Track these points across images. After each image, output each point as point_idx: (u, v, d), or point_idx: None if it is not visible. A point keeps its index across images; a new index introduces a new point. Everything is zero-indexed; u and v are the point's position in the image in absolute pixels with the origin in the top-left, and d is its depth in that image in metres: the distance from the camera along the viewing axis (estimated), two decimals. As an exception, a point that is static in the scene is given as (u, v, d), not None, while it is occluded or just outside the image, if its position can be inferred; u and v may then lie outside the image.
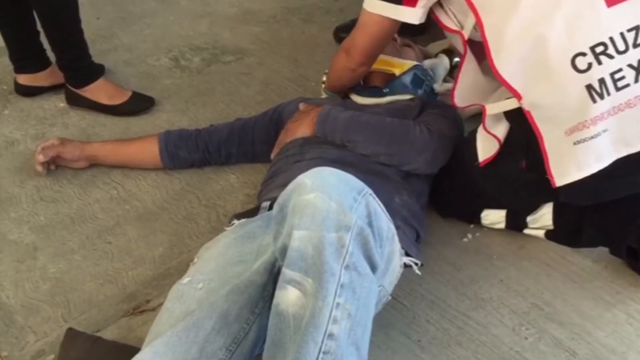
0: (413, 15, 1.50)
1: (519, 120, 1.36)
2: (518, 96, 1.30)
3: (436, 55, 2.05)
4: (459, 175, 1.61)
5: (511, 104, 1.34)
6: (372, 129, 1.57)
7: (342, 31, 2.53)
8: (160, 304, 1.25)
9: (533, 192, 1.51)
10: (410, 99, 1.76)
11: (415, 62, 1.86)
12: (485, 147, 1.51)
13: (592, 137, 1.26)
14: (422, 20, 1.52)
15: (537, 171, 1.39)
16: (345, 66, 1.73)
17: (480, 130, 1.55)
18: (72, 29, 2.00)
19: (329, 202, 1.02)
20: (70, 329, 1.35)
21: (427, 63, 1.96)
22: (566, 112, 1.26)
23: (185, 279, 1.24)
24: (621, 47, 1.24)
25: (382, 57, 1.83)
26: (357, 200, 1.06)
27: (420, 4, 1.47)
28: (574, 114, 1.26)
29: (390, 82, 1.79)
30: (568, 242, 1.61)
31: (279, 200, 1.09)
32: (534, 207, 1.59)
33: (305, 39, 2.59)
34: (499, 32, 1.27)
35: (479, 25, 1.30)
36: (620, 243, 1.51)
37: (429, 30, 2.54)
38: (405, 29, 2.38)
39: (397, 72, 1.81)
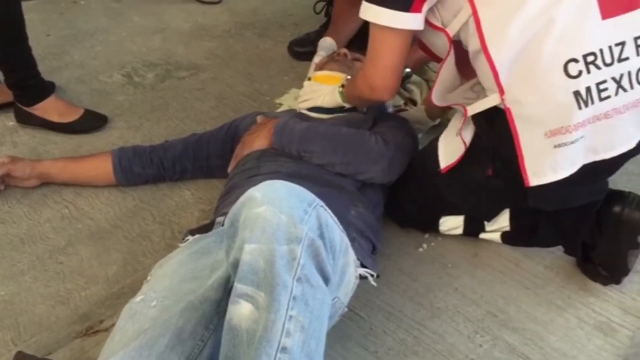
0: (418, 22, 1.42)
1: (488, 122, 1.39)
2: (501, 91, 1.31)
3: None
4: (417, 185, 1.63)
5: (492, 102, 1.35)
6: (328, 139, 1.58)
7: (297, 45, 2.56)
8: (114, 324, 1.22)
9: (498, 199, 1.54)
10: (363, 112, 1.78)
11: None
12: (448, 154, 1.53)
13: (571, 142, 1.30)
14: (422, 27, 1.44)
15: (504, 177, 1.41)
16: (375, 100, 1.62)
17: (443, 137, 1.57)
18: (19, 46, 1.96)
19: (280, 215, 1.02)
20: (19, 352, 1.31)
21: None
22: (550, 114, 1.29)
23: (138, 298, 1.22)
24: (608, 59, 1.28)
25: (333, 73, 1.85)
26: (308, 212, 1.06)
27: (424, 8, 1.40)
28: (558, 118, 1.29)
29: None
30: (524, 242, 1.64)
31: (230, 214, 1.08)
32: (495, 213, 1.62)
33: (260, 53, 2.60)
34: (499, 27, 1.28)
35: (474, 18, 1.31)
36: (575, 239, 1.55)
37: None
38: (355, 43, 2.43)
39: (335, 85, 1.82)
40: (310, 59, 2.21)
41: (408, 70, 2.06)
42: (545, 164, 1.32)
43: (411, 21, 1.41)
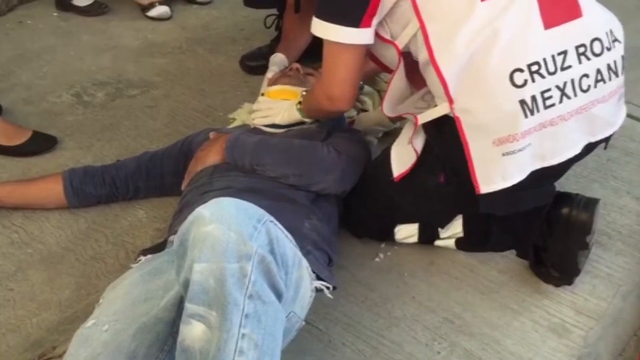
0: (368, 36, 1.44)
1: (439, 130, 1.41)
2: (450, 101, 1.33)
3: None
4: (371, 194, 1.64)
5: (441, 111, 1.37)
6: (280, 151, 1.58)
7: (249, 60, 2.55)
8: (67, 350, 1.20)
9: (450, 205, 1.56)
10: (317, 125, 1.79)
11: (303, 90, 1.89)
12: (400, 162, 1.54)
13: (519, 150, 1.33)
14: (372, 41, 1.46)
15: (455, 184, 1.43)
16: (334, 111, 1.64)
17: (395, 146, 1.59)
18: None
19: (229, 233, 1.01)
20: (-33, 385, 1.28)
21: None
22: (497, 123, 1.31)
23: (89, 322, 1.20)
24: (552, 68, 1.31)
25: (286, 87, 1.86)
26: (257, 229, 1.05)
27: (374, 22, 1.43)
28: (505, 126, 1.31)
29: None
30: (478, 247, 1.67)
31: (179, 233, 1.07)
32: (448, 220, 1.64)
33: (212, 68, 2.58)
34: (447, 40, 1.31)
35: (422, 32, 1.33)
36: (526, 241, 1.58)
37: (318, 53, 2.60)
38: (306, 57, 2.44)
39: (292, 99, 1.83)
40: (263, 73, 2.21)
41: (360, 82, 2.07)
42: (495, 172, 1.35)
43: (361, 36, 1.43)
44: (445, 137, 1.40)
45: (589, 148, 1.44)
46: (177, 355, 1.02)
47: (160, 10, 2.92)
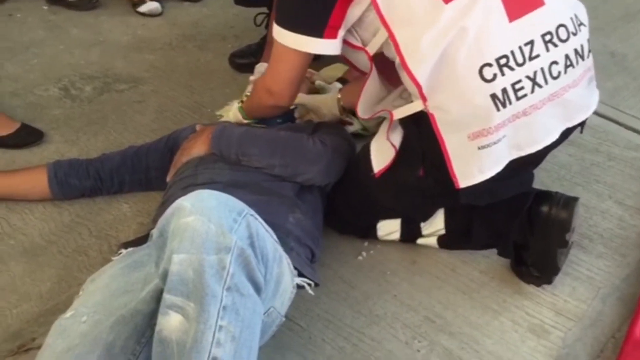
0: (334, 47, 1.47)
1: (417, 125, 1.42)
2: (424, 99, 1.34)
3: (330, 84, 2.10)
4: (353, 190, 1.65)
5: (416, 107, 1.39)
6: (266, 142, 1.59)
7: (238, 57, 2.55)
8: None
9: (430, 198, 1.56)
10: (305, 120, 1.80)
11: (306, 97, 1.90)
12: (380, 158, 1.55)
13: (494, 143, 1.34)
14: (340, 52, 1.49)
15: (435, 177, 1.44)
16: (270, 105, 1.66)
17: (374, 142, 1.60)
18: None
19: (208, 224, 1.02)
20: (-56, 374, 1.27)
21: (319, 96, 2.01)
22: (470, 118, 1.33)
23: (68, 313, 1.20)
24: (520, 59, 1.32)
25: None
26: (238, 222, 1.05)
27: (340, 33, 1.46)
28: (478, 121, 1.32)
29: (283, 112, 1.82)
30: (460, 244, 1.68)
31: (159, 224, 1.07)
32: (429, 214, 1.64)
33: (201, 65, 2.58)
34: (414, 43, 1.32)
35: (391, 40, 1.35)
36: (507, 238, 1.59)
37: (321, 56, 2.60)
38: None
39: None
40: (251, 71, 2.21)
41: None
42: (472, 166, 1.36)
43: (326, 47, 1.46)
44: (422, 133, 1.41)
45: (566, 133, 1.45)
46: (155, 345, 1.02)
47: (151, 6, 2.92)
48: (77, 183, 1.81)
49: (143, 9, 2.92)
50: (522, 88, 1.33)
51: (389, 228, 1.68)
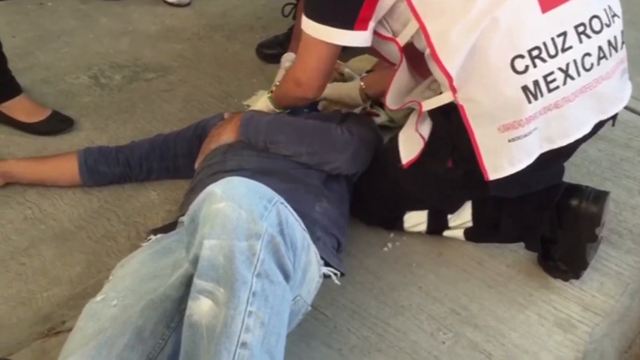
0: (364, 39, 1.46)
1: (446, 117, 1.41)
2: (454, 91, 1.33)
3: (361, 77, 2.09)
4: (381, 181, 1.65)
5: (446, 99, 1.38)
6: (294, 129, 1.60)
7: (265, 47, 2.56)
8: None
9: (459, 190, 1.56)
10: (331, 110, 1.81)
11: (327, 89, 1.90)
12: (408, 149, 1.55)
13: (525, 135, 1.33)
14: (370, 43, 1.48)
15: (464, 168, 1.43)
16: (298, 96, 1.65)
17: (402, 133, 1.59)
18: None
19: (239, 211, 1.02)
20: (-22, 353, 1.30)
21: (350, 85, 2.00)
22: (501, 110, 1.31)
23: (98, 297, 1.22)
24: (552, 51, 1.31)
25: None
26: (268, 209, 1.06)
27: (371, 25, 1.44)
28: (509, 113, 1.31)
29: (310, 103, 1.83)
30: (487, 237, 1.67)
31: (190, 211, 1.08)
32: (457, 206, 1.64)
33: (228, 55, 2.59)
34: (445, 34, 1.31)
35: (422, 31, 1.34)
36: (535, 232, 1.57)
37: (350, 48, 2.60)
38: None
39: None
40: (279, 61, 2.22)
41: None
42: (502, 158, 1.35)
43: (356, 39, 1.45)
44: (451, 124, 1.40)
45: (597, 126, 1.44)
46: (184, 329, 1.03)
47: (180, -4, 2.94)
48: (107, 170, 1.83)
49: (172, -1, 2.94)
50: (554, 80, 1.31)
51: (416, 219, 1.68)
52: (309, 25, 1.48)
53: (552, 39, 1.31)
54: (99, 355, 1.07)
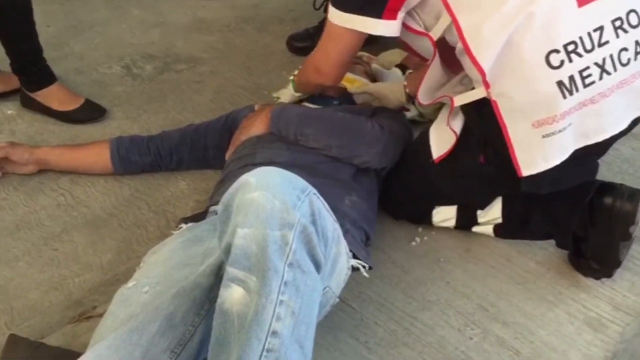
0: (393, 29, 1.46)
1: (478, 111, 1.40)
2: (487, 86, 1.33)
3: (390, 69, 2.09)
4: (410, 176, 1.65)
5: (478, 94, 1.37)
6: (324, 122, 1.60)
7: (296, 40, 2.56)
8: (107, 310, 1.23)
9: (490, 186, 1.55)
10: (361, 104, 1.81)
11: (365, 81, 1.90)
12: (440, 144, 1.54)
13: (559, 131, 1.32)
14: (399, 33, 1.48)
15: (496, 164, 1.42)
16: (318, 82, 1.70)
17: (433, 128, 1.59)
18: (26, 32, 1.99)
19: (273, 200, 1.03)
20: (12, 335, 1.32)
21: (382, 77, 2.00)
22: (535, 105, 1.30)
23: (130, 283, 1.23)
24: (588, 46, 1.29)
25: None
26: (301, 199, 1.06)
27: (400, 15, 1.44)
28: (543, 108, 1.30)
29: (341, 94, 1.83)
30: (516, 234, 1.65)
31: (223, 199, 1.09)
32: (488, 201, 1.62)
33: (259, 47, 2.60)
34: (478, 29, 1.30)
35: (455, 25, 1.33)
36: (567, 229, 1.55)
37: (379, 40, 2.59)
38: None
39: (347, 86, 1.85)
40: (309, 54, 2.21)
41: (411, 71, 2.06)
42: (536, 154, 1.34)
43: (384, 28, 1.44)
44: (484, 119, 1.39)
45: (634, 122, 1.42)
46: (215, 317, 1.04)
47: (211, -12, 2.96)
48: (138, 159, 1.86)
49: (203, -10, 2.96)
50: (589, 75, 1.30)
51: (445, 214, 1.67)
52: (335, 14, 1.48)
53: (589, 34, 1.30)
54: (130, 340, 1.09)
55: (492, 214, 1.63)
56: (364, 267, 1.40)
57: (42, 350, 1.29)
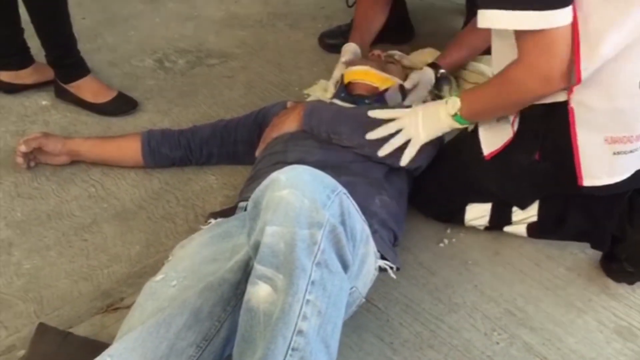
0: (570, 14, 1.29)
1: (549, 113, 1.38)
2: (570, 91, 1.31)
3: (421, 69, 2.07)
4: (448, 171, 1.63)
5: (557, 97, 1.34)
6: (357, 122, 1.59)
7: (328, 37, 2.56)
8: (135, 302, 1.24)
9: (540, 184, 1.52)
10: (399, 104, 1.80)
11: (398, 81, 1.88)
12: (492, 140, 1.52)
13: (631, 151, 1.33)
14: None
15: (552, 161, 1.41)
16: (543, 94, 1.36)
17: (483, 124, 1.56)
18: (61, 24, 2.02)
19: (302, 199, 1.03)
20: (41, 324, 1.34)
21: (413, 77, 1.98)
22: (615, 122, 1.30)
23: (158, 276, 1.24)
24: None
25: (371, 70, 1.85)
26: (331, 199, 1.06)
27: None
28: (623, 127, 1.30)
29: (372, 94, 1.82)
30: (551, 233, 1.62)
31: (253, 196, 1.09)
32: (531, 201, 1.58)
33: (291, 44, 2.60)
34: (595, 42, 1.25)
35: (573, 29, 1.27)
36: (604, 227, 1.52)
37: (411, 39, 2.58)
38: (388, 37, 2.42)
39: (379, 86, 1.84)
40: (340, 51, 2.21)
41: (443, 70, 2.05)
42: (602, 169, 1.34)
43: (567, 16, 1.27)
44: (554, 119, 1.37)
45: None
46: (242, 314, 1.05)
47: (245, -17, 2.96)
48: (168, 152, 1.87)
49: (237, -14, 2.97)
50: None
51: (478, 212, 1.64)
52: (531, 20, 1.26)
53: None
54: (157, 333, 1.10)
55: (527, 211, 1.58)
56: (391, 268, 1.40)
57: (70, 340, 1.31)
